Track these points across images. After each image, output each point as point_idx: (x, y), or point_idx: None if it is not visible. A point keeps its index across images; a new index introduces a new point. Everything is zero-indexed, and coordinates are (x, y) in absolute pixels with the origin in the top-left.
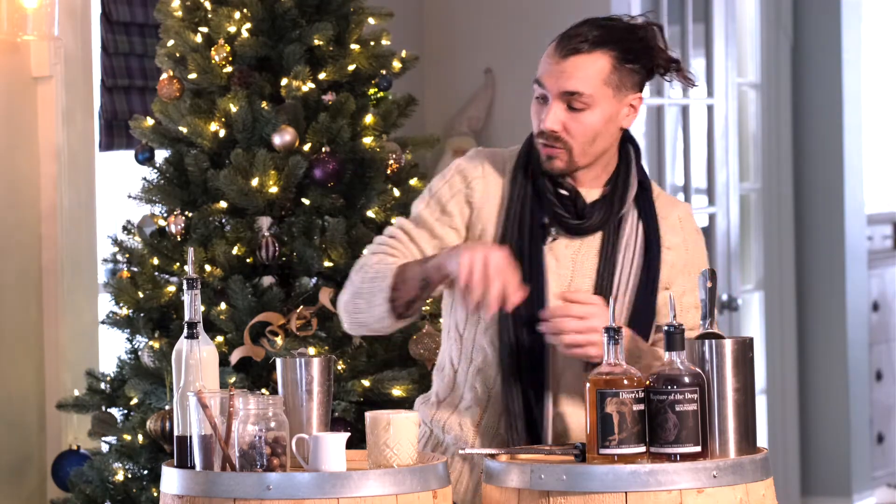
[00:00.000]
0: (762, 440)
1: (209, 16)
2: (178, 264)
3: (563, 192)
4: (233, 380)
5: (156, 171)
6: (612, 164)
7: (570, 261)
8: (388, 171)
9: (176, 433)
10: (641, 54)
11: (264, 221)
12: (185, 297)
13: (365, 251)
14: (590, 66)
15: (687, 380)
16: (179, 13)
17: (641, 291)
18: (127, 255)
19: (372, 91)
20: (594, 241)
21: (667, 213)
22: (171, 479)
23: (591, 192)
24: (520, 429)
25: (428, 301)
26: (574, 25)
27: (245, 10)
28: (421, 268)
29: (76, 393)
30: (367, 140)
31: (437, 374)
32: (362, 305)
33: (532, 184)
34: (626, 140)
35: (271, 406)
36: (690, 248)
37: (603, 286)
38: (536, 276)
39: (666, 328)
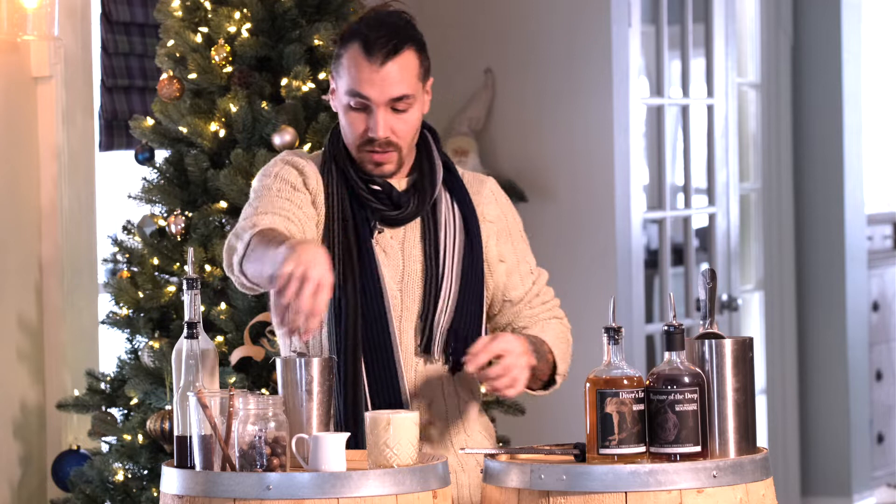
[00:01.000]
0: (762, 440)
1: (209, 16)
2: (178, 264)
3: (376, 186)
4: (233, 380)
5: (156, 171)
6: (412, 151)
7: (398, 251)
8: None
9: (176, 433)
10: (424, 41)
11: None
12: (185, 297)
13: (241, 218)
14: (406, 66)
15: (687, 380)
16: (179, 13)
17: (468, 266)
18: (127, 255)
19: None
20: (415, 228)
21: (478, 188)
22: (171, 479)
23: (399, 182)
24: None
25: None
26: (367, 28)
27: (245, 10)
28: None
29: (76, 393)
30: None
31: None
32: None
33: (344, 183)
34: (422, 126)
35: (271, 406)
36: (509, 217)
37: (431, 268)
38: (370, 270)
39: (666, 328)
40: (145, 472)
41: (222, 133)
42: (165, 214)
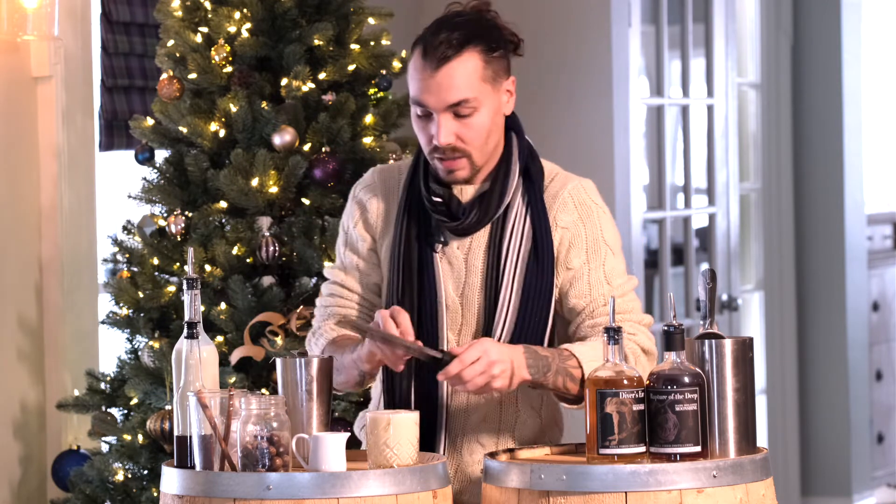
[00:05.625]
0: (762, 440)
1: (209, 16)
2: (178, 264)
3: (436, 198)
4: (233, 380)
5: (156, 171)
6: (496, 155)
7: (462, 262)
8: None
9: (176, 433)
10: (499, 39)
11: (264, 221)
12: (185, 297)
13: (316, 313)
14: (464, 69)
15: (687, 380)
16: (179, 13)
17: (531, 278)
18: (127, 255)
19: (372, 91)
20: (482, 238)
21: (557, 190)
22: (171, 479)
23: (468, 190)
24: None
25: None
26: (429, 32)
27: (245, 10)
28: (357, 366)
29: (76, 393)
30: (367, 140)
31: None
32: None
33: (416, 194)
34: (509, 127)
35: (273, 406)
36: (587, 224)
37: (491, 278)
38: (428, 287)
39: (665, 328)
40: (145, 472)
41: (222, 133)
42: (165, 214)
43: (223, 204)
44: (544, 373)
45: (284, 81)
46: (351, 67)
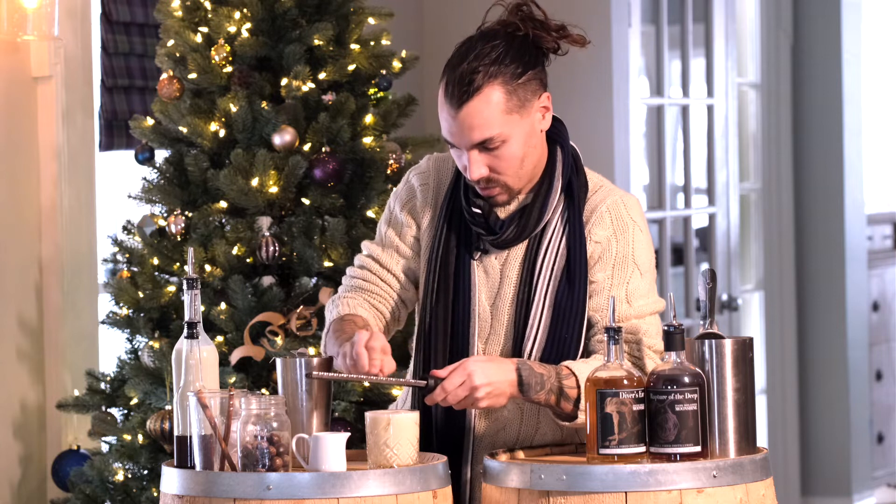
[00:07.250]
0: (762, 440)
1: (209, 16)
2: (178, 264)
3: (476, 209)
4: (233, 380)
5: (156, 171)
6: (539, 169)
7: (497, 272)
8: (388, 171)
9: (176, 433)
10: (530, 58)
11: (264, 221)
12: (185, 297)
13: (343, 280)
14: (484, 107)
15: (687, 380)
16: (179, 13)
17: (563, 296)
18: (127, 255)
19: (372, 91)
20: (519, 250)
21: (597, 204)
22: (171, 479)
23: (509, 206)
24: (442, 430)
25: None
26: (452, 62)
27: (245, 10)
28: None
29: (76, 393)
30: (367, 140)
31: None
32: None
33: (458, 200)
34: (553, 139)
35: (273, 406)
36: (620, 242)
37: (523, 293)
38: (463, 292)
39: (666, 328)
40: (145, 472)
41: (222, 133)
42: (165, 214)
43: (223, 204)
44: (537, 390)
45: (284, 81)
46: (351, 67)
